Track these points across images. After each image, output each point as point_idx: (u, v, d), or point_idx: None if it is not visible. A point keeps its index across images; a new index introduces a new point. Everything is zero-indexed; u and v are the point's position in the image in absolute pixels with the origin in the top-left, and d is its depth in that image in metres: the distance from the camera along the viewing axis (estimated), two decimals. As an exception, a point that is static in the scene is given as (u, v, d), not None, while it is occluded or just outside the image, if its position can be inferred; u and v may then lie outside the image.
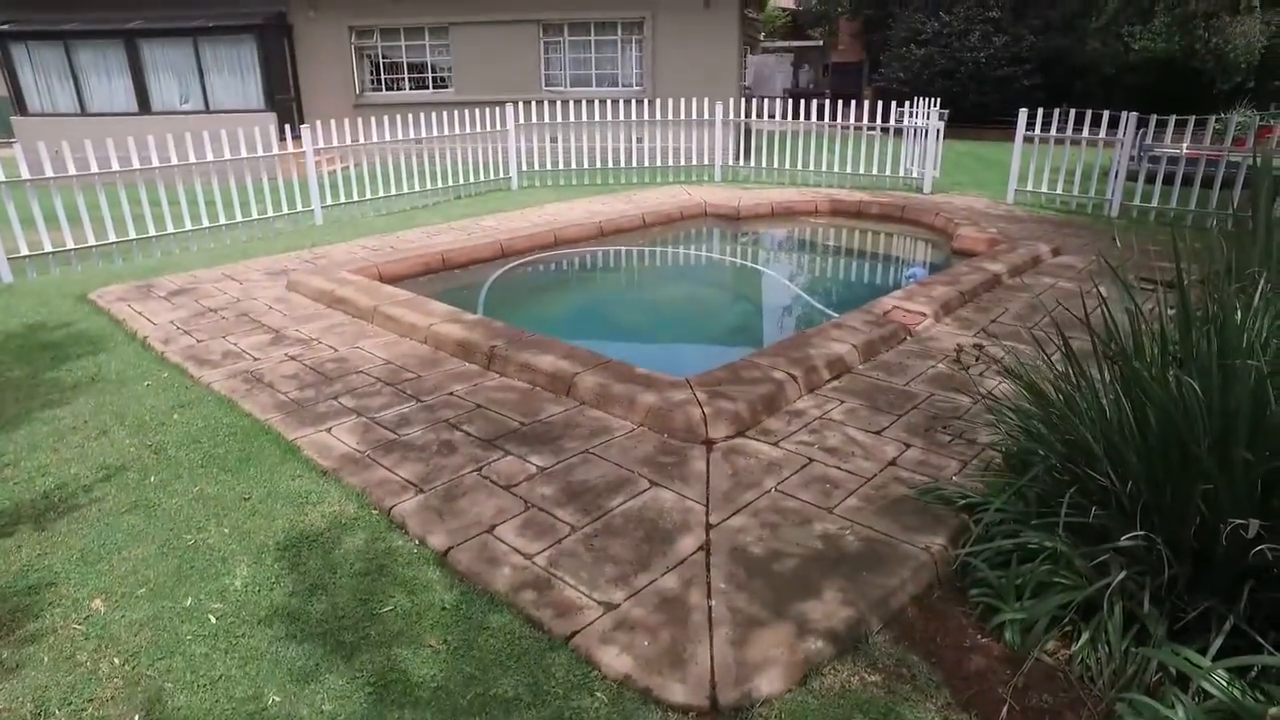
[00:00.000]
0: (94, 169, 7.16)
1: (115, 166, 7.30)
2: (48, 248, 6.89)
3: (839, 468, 3.20)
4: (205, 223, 7.96)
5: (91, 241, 7.19)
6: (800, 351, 4.17)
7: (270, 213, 8.53)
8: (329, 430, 3.59)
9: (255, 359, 4.53)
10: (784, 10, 30.36)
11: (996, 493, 2.79)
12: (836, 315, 5.13)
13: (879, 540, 2.71)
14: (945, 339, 4.73)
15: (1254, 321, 2.63)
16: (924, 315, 4.96)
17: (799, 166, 11.37)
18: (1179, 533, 2.29)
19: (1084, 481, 2.50)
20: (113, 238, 7.33)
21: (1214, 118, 14.98)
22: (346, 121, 9.54)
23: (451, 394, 3.96)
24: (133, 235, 7.47)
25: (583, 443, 3.42)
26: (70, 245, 7.04)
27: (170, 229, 7.72)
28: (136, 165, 7.48)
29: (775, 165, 11.60)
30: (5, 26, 16.07)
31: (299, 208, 8.79)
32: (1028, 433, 2.86)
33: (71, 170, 7.05)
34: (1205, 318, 2.56)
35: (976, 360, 3.84)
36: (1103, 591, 2.21)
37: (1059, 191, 9.61)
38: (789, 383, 3.83)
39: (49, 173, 6.90)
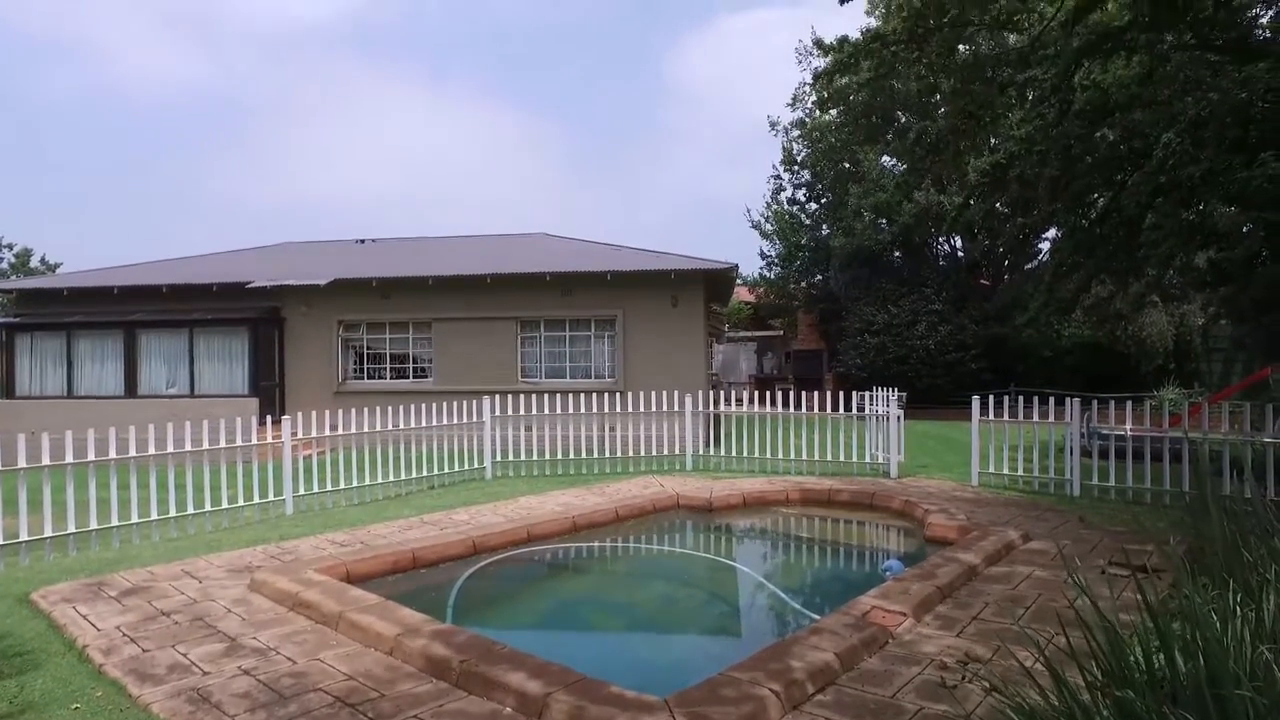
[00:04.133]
0: (69, 459, 7.16)
1: (91, 456, 7.31)
2: (-1, 539, 6.67)
3: (833, 805, 2.94)
4: (172, 511, 7.82)
5: (48, 532, 6.95)
6: (780, 662, 4.00)
7: (241, 501, 8.45)
8: (274, 765, 3.27)
9: (205, 673, 4.23)
10: (746, 303, 33.11)
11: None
12: (815, 615, 5.03)
13: None
14: (927, 641, 4.59)
15: (1237, 639, 2.62)
16: (904, 615, 4.86)
17: (768, 454, 11.68)
18: None
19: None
20: (72, 527, 7.08)
21: (1148, 396, 16.03)
22: (327, 412, 9.83)
23: (416, 718, 3.69)
24: (94, 525, 7.25)
25: (554, 778, 3.13)
26: (23, 536, 6.79)
27: (135, 518, 7.54)
28: (113, 455, 7.50)
29: (745, 453, 11.90)
30: (16, 319, 16.98)
31: (270, 496, 8.74)
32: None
33: (45, 460, 7.04)
34: (1185, 628, 2.55)
35: (963, 679, 3.70)
36: None
37: (1020, 472, 9.98)
38: (771, 700, 3.63)
39: (22, 463, 6.90)
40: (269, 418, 10.04)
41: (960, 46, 10.87)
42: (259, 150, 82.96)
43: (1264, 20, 11.02)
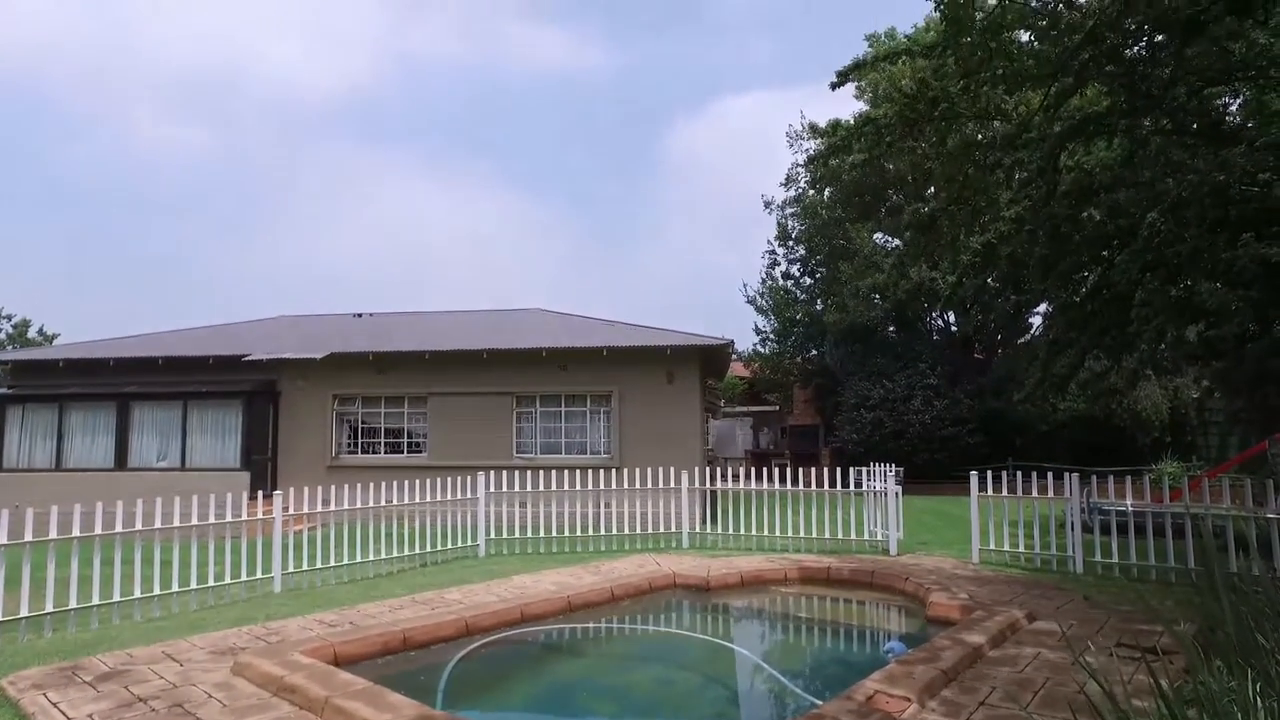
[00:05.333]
0: (52, 534, 7.01)
1: (76, 531, 7.17)
2: (-31, 622, 6.46)
3: None
4: (156, 589, 7.62)
5: (24, 612, 6.74)
6: (784, 752, 3.85)
7: (228, 578, 8.26)
8: None
9: (180, 764, 4.05)
10: (741, 378, 33.20)
11: None
12: (816, 700, 4.87)
13: None
14: (935, 729, 4.44)
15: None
16: (908, 701, 4.70)
17: (765, 531, 11.48)
18: None
19: None
20: (49, 607, 6.87)
21: (1147, 470, 15.92)
22: (320, 487, 9.70)
23: (398, 812, 3.51)
24: (73, 604, 7.02)
25: None
26: (-2, 617, 6.61)
27: (116, 596, 7.33)
28: (98, 531, 7.37)
29: (742, 530, 11.68)
30: (9, 390, 16.91)
31: (259, 574, 8.54)
32: None
33: (28, 536, 6.89)
34: (1203, 718, 2.47)
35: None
36: None
37: (1021, 549, 9.83)
38: (775, 793, 3.48)
39: (2, 539, 6.75)
40: (260, 492, 9.92)
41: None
42: (260, 222, 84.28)
43: (1233, 108, 11.43)
